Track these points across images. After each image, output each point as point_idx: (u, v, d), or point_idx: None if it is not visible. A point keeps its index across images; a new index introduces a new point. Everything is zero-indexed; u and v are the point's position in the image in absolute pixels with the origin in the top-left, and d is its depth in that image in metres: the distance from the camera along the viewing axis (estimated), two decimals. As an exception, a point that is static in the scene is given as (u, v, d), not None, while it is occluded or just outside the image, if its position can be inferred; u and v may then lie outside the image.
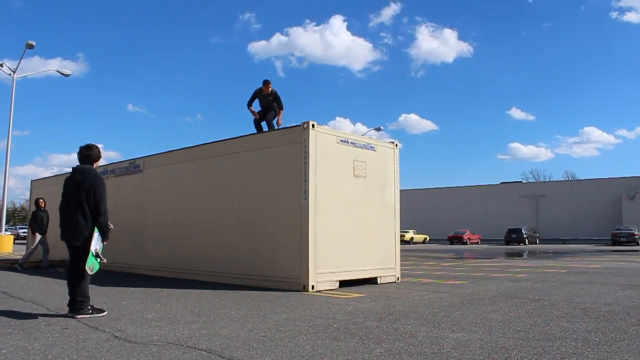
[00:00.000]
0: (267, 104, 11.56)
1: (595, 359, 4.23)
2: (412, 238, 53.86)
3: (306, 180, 9.16)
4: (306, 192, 9.14)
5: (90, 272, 6.33)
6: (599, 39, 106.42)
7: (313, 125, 9.33)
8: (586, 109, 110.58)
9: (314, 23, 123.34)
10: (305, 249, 9.02)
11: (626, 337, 5.10)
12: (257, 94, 11.57)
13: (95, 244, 6.35)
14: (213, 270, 10.65)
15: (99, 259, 6.38)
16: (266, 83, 11.45)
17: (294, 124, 9.67)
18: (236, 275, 10.09)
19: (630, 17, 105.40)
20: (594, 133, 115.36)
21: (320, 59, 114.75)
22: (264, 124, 11.64)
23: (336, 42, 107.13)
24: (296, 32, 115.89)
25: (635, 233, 45.31)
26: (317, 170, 9.26)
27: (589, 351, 4.49)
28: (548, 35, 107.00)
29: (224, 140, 11.21)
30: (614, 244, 43.76)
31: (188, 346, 4.64)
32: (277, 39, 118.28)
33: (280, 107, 11.52)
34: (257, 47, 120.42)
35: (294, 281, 9.11)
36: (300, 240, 9.13)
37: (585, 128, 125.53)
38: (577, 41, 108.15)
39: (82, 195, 6.35)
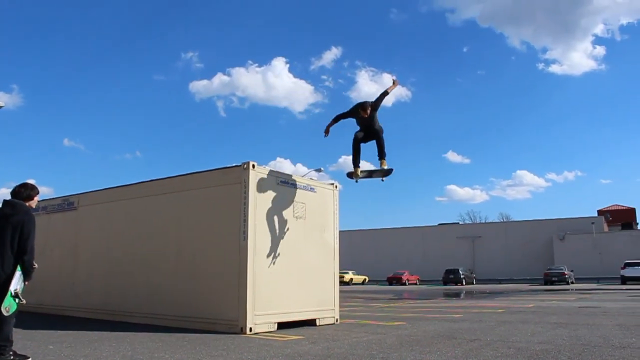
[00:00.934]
0: (368, 126, 9.89)
1: (528, 399, 4.30)
2: (351, 279, 54.05)
3: (245, 221, 9.08)
4: (245, 232, 9.05)
5: (5, 314, 5.84)
6: (528, 87, 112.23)
7: (253, 166, 9.32)
8: (518, 154, 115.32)
9: (256, 64, 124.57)
10: (243, 290, 8.89)
11: (557, 377, 5.22)
12: (353, 115, 9.93)
13: (16, 284, 5.92)
14: (149, 312, 10.32)
15: (17, 300, 5.98)
16: (364, 107, 9.60)
17: (234, 164, 9.63)
18: (173, 318, 9.81)
19: (554, 68, 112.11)
20: (526, 176, 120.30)
21: (262, 99, 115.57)
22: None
23: (278, 83, 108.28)
24: (238, 72, 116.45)
25: (566, 272, 46.84)
26: (256, 211, 9.21)
27: (522, 392, 4.56)
28: (482, 83, 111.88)
29: (163, 179, 11.01)
30: (546, 284, 45.07)
31: (118, 394, 4.46)
32: (219, 78, 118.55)
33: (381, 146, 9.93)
34: (199, 86, 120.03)
35: (231, 323, 8.93)
36: (238, 282, 8.99)
37: (518, 171, 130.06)
38: (509, 89, 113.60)
39: (8, 230, 5.99)
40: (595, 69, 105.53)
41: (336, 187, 11.28)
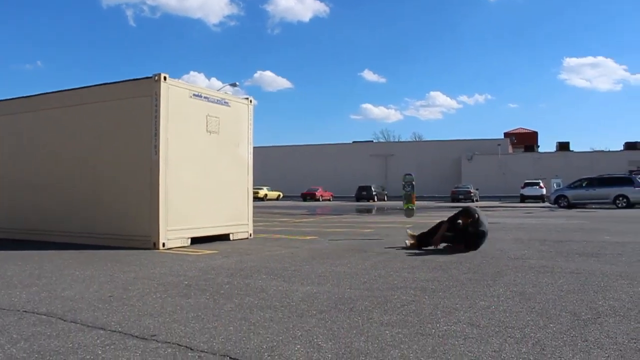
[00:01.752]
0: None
1: (431, 304, 4.56)
2: (266, 195, 54.57)
3: (157, 135, 8.83)
4: (157, 147, 8.82)
5: None
6: (446, 9, 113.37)
7: (165, 78, 8.97)
8: (432, 75, 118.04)
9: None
10: (156, 205, 8.77)
11: (457, 284, 5.55)
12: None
13: None
14: (57, 230, 10.01)
15: None
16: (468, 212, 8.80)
17: (145, 76, 9.23)
18: (83, 234, 9.59)
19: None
20: (439, 98, 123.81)
21: (175, 9, 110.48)
22: None
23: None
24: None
25: (471, 191, 49.33)
26: (168, 125, 8.96)
27: (425, 298, 4.83)
28: (401, 3, 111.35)
29: (71, 89, 10.42)
30: (453, 201, 47.23)
31: (25, 311, 4.33)
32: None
33: None
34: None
35: (144, 239, 8.84)
36: (150, 197, 8.85)
37: (431, 92, 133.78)
38: (427, 9, 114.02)
39: None
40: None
41: (251, 102, 11.10)
